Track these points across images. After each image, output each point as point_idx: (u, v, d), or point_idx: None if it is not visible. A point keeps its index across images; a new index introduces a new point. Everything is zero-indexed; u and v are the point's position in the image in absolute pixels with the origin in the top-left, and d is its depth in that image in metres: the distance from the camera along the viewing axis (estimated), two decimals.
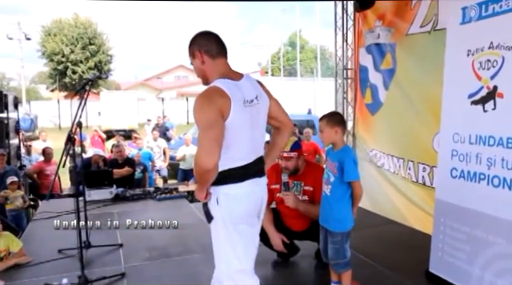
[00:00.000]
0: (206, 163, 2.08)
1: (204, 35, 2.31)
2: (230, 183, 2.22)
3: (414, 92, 5.12)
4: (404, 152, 5.40)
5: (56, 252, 4.02)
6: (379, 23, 5.94)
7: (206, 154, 2.09)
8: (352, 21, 6.93)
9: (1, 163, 6.35)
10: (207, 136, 2.10)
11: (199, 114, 2.13)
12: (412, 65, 5.20)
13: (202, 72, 2.31)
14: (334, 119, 2.92)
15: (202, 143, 2.11)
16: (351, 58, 7.11)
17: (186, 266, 3.83)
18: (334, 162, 2.89)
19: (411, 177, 5.25)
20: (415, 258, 3.70)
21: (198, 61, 2.28)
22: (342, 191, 2.88)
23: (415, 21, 5.10)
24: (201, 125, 2.12)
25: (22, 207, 6.19)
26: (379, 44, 5.95)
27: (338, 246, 2.91)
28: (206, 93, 2.16)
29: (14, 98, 8.03)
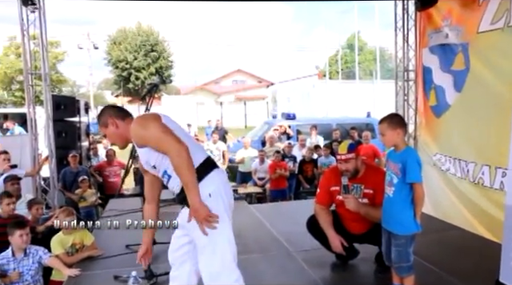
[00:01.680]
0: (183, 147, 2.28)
1: (111, 107, 2.72)
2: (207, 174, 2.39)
3: (492, 93, 4.87)
4: (477, 156, 5.14)
5: (124, 247, 4.23)
6: (447, 22, 5.74)
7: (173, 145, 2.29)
8: (413, 21, 6.76)
9: (74, 163, 6.79)
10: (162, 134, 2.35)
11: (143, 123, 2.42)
12: (488, 64, 4.96)
13: (119, 136, 2.56)
14: (394, 121, 2.90)
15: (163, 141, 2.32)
16: (412, 60, 6.94)
17: (246, 265, 3.85)
18: (396, 163, 2.85)
19: (483, 181, 4.99)
20: (483, 267, 3.54)
21: (112, 127, 2.54)
22: (405, 194, 2.83)
23: (484, 17, 4.89)
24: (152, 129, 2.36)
25: (94, 204, 6.62)
26: (447, 44, 5.74)
27: (401, 249, 2.86)
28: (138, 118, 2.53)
29: (85, 103, 8.58)
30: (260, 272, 3.74)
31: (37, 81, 6.46)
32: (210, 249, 2.35)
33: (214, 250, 2.35)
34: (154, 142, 2.34)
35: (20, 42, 6.31)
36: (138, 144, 2.45)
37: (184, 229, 2.53)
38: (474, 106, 5.21)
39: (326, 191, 3.57)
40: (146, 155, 2.46)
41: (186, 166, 2.24)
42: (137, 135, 2.41)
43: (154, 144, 2.35)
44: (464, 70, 5.40)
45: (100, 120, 2.58)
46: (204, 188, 2.32)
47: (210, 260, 2.36)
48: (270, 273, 3.73)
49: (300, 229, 3.97)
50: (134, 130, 2.40)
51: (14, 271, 3.61)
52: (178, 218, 2.56)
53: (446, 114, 5.87)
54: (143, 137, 2.38)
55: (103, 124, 2.56)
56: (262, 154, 8.50)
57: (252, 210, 5.87)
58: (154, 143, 2.35)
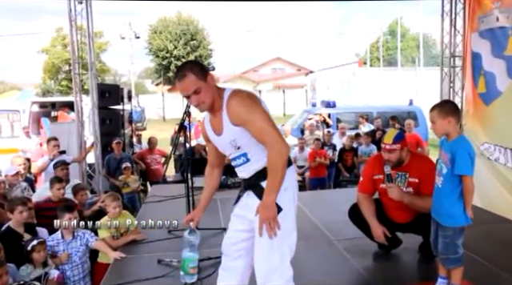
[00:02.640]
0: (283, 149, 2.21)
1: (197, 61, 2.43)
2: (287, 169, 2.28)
3: None
4: None
5: (166, 233, 4.32)
6: (497, 4, 5.49)
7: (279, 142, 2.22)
8: (462, 4, 6.49)
9: (118, 150, 6.99)
10: (269, 124, 2.23)
11: (252, 105, 2.26)
12: None
13: (214, 93, 2.33)
14: (446, 109, 2.78)
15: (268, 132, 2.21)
16: (459, 45, 6.68)
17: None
18: (447, 153, 2.75)
19: None
20: None
21: (212, 82, 2.32)
22: (454, 185, 2.73)
23: None
24: (259, 114, 2.24)
25: (136, 190, 6.81)
26: (499, 28, 5.49)
27: (449, 241, 2.78)
28: (242, 92, 2.34)
29: (128, 91, 8.79)
30: (302, 260, 3.69)
31: (82, 70, 6.67)
32: (269, 246, 2.28)
33: (273, 247, 2.29)
34: (256, 130, 2.23)
35: (66, 33, 6.54)
36: (234, 122, 2.27)
37: (245, 220, 2.44)
38: None
39: (369, 180, 3.51)
40: (236, 135, 2.30)
41: (282, 167, 2.21)
42: (238, 115, 2.25)
43: (256, 132, 2.23)
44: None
45: (196, 71, 2.27)
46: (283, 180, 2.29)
47: (268, 257, 2.31)
48: (312, 261, 3.72)
49: (341, 217, 3.94)
50: (237, 110, 2.25)
51: (64, 253, 3.78)
52: (239, 207, 2.50)
53: (496, 101, 5.63)
54: (246, 120, 2.23)
55: (203, 76, 2.27)
56: (301, 142, 8.46)
57: None
58: (256, 131, 2.23)
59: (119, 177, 6.80)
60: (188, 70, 2.26)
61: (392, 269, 3.59)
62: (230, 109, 2.27)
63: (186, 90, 2.26)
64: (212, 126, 2.44)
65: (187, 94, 2.28)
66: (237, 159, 2.40)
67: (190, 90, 2.25)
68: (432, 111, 2.80)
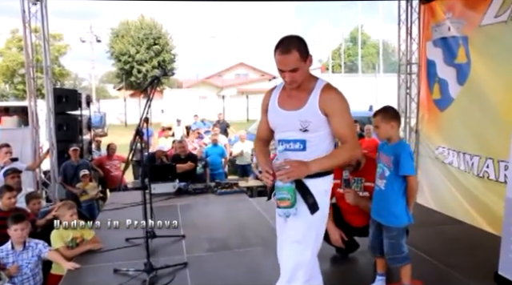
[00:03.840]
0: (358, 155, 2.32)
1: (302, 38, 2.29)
2: (331, 174, 2.35)
3: (494, 86, 4.83)
4: (480, 149, 5.11)
5: (124, 241, 4.23)
6: (449, 15, 5.70)
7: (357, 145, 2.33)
8: (417, 14, 6.70)
9: (75, 157, 6.79)
10: (354, 126, 2.34)
11: (348, 105, 2.29)
12: (489, 57, 4.93)
13: (306, 74, 2.29)
14: (389, 114, 2.90)
15: (353, 131, 2.32)
16: (415, 53, 6.89)
17: (246, 258, 3.91)
18: (389, 156, 2.86)
19: (489, 175, 4.96)
20: (483, 260, 3.54)
21: (309, 64, 2.27)
22: (398, 186, 2.84)
23: (489, 11, 4.85)
24: (350, 115, 2.29)
25: (95, 197, 6.64)
26: (450, 37, 5.69)
27: (394, 241, 2.87)
28: (339, 89, 2.32)
29: (87, 96, 8.57)
30: (260, 265, 3.75)
31: (38, 74, 6.45)
32: (304, 241, 2.27)
33: (307, 244, 2.28)
34: (343, 125, 2.24)
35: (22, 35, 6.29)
36: (322, 108, 2.23)
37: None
38: (477, 100, 5.17)
39: None
40: (314, 118, 2.24)
41: (342, 161, 2.30)
42: (335, 105, 2.24)
43: (342, 126, 2.24)
44: (467, 63, 5.37)
45: (302, 50, 2.20)
46: (323, 184, 2.31)
47: (300, 252, 2.27)
48: (270, 266, 3.70)
49: None
50: (336, 101, 2.25)
51: (13, 265, 3.62)
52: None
53: (450, 107, 5.83)
54: (339, 113, 2.24)
55: (306, 56, 2.21)
56: None
57: (252, 203, 5.87)
58: (343, 125, 2.24)
59: (77, 184, 6.61)
60: (295, 47, 2.18)
61: (349, 272, 3.65)
62: (326, 95, 2.25)
63: (286, 65, 2.20)
64: (281, 100, 2.37)
65: (284, 69, 2.22)
66: (291, 143, 2.28)
67: (290, 67, 2.19)
68: (376, 116, 2.90)
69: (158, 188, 6.33)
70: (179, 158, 7.34)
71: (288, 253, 2.30)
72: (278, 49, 2.21)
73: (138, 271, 3.46)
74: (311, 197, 2.25)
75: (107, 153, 8.08)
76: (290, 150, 2.28)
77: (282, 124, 2.36)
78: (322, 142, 2.28)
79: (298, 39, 2.23)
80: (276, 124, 2.41)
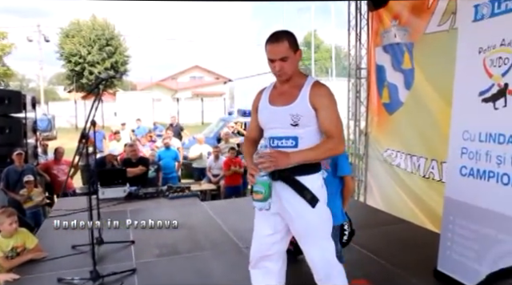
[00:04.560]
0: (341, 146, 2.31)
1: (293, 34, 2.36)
2: (321, 170, 2.40)
3: (437, 91, 5.03)
4: (426, 151, 5.32)
5: (70, 248, 4.09)
6: (395, 23, 5.89)
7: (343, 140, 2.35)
8: (366, 20, 6.90)
9: (19, 162, 6.48)
10: (341, 123, 2.33)
11: (335, 102, 2.32)
12: (432, 64, 5.12)
13: (296, 68, 2.36)
14: None
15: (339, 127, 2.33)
16: (364, 58, 7.09)
17: (195, 262, 3.88)
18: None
19: (434, 176, 5.17)
20: (424, 257, 3.68)
21: (298, 57, 2.34)
22: (335, 187, 2.95)
23: (432, 19, 5.05)
24: (337, 111, 2.32)
25: (40, 204, 6.35)
26: (397, 43, 5.90)
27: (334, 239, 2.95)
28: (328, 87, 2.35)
29: (32, 98, 8.20)
30: (210, 268, 3.73)
31: None
32: (322, 239, 2.35)
33: (325, 239, 2.36)
34: (329, 119, 2.27)
35: None
36: (312, 102, 2.27)
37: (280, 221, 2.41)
38: (422, 104, 5.38)
39: None
40: (304, 112, 2.27)
41: (326, 154, 2.31)
42: (323, 100, 2.28)
43: (328, 120, 2.27)
44: (411, 68, 5.57)
45: (292, 40, 2.29)
46: (317, 180, 2.35)
47: (324, 247, 2.36)
48: (220, 270, 3.73)
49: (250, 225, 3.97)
50: (325, 96, 2.29)
51: None
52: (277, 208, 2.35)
53: (398, 111, 6.02)
54: (328, 106, 2.28)
55: (295, 48, 2.30)
56: (216, 150, 8.46)
57: (204, 207, 5.84)
58: (329, 119, 2.27)
59: (20, 191, 6.31)
60: (285, 36, 2.27)
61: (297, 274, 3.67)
62: (316, 90, 2.29)
63: (276, 53, 2.26)
64: (272, 97, 2.41)
65: (274, 58, 2.27)
66: (283, 140, 2.32)
67: (280, 55, 2.25)
68: None
69: (108, 193, 6.18)
70: (130, 162, 7.18)
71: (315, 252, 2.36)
72: (268, 40, 2.29)
73: (83, 280, 3.36)
74: (308, 192, 2.28)
75: (54, 157, 7.76)
76: (282, 146, 2.31)
77: (272, 120, 2.38)
78: (312, 138, 2.30)
79: (288, 32, 2.33)
80: (267, 121, 2.43)
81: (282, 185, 2.30)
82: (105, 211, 5.22)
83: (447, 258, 3.27)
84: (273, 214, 2.37)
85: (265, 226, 2.43)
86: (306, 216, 2.30)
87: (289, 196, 2.31)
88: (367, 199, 6.84)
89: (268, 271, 2.50)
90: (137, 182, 6.79)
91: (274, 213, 2.37)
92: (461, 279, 3.13)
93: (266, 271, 2.51)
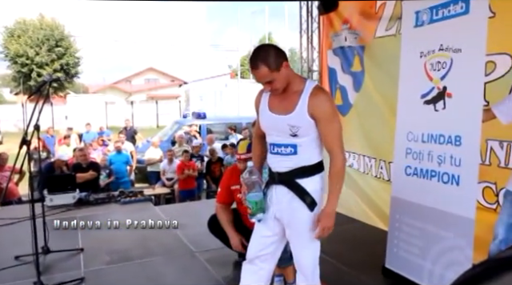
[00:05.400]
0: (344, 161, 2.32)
1: (274, 47, 2.34)
2: (322, 172, 2.38)
3: (384, 93, 5.18)
4: (376, 152, 5.45)
5: (13, 259, 3.91)
6: (345, 26, 6.02)
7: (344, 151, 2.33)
8: (317, 23, 7.01)
9: None
10: (341, 133, 2.31)
11: (336, 108, 2.34)
12: (380, 67, 5.26)
13: (288, 79, 2.29)
14: None
15: (340, 140, 2.31)
16: (316, 60, 7.20)
17: (147, 268, 3.81)
18: None
19: (383, 176, 5.32)
20: (374, 255, 3.77)
21: (285, 70, 2.26)
22: None
23: (380, 24, 5.18)
24: (338, 120, 2.32)
25: None
26: (346, 47, 6.02)
27: None
28: (327, 91, 2.33)
29: None
30: (162, 274, 3.67)
31: None
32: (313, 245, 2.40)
33: (315, 246, 2.42)
34: (331, 133, 2.25)
35: None
36: (311, 112, 2.22)
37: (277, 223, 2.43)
38: (370, 106, 5.53)
39: (227, 190, 3.57)
40: (303, 123, 2.24)
41: (344, 175, 2.34)
42: (323, 109, 2.23)
43: (330, 134, 2.26)
44: (361, 71, 5.72)
45: (270, 62, 2.19)
46: (319, 181, 2.35)
47: (313, 255, 2.42)
48: (173, 274, 3.68)
49: (204, 229, 3.95)
50: (325, 105, 2.24)
51: None
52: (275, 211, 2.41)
53: (350, 112, 6.16)
54: (327, 118, 2.24)
55: (276, 67, 2.20)
56: (170, 154, 8.36)
57: (157, 211, 5.74)
58: (330, 133, 2.25)
59: None
60: (260, 63, 2.20)
61: None
62: (315, 99, 2.24)
63: (259, 79, 2.26)
64: (272, 102, 2.37)
65: (261, 82, 2.29)
66: (283, 147, 2.32)
67: (263, 80, 2.24)
68: None
69: (56, 200, 5.97)
70: (80, 167, 6.97)
71: (306, 253, 2.42)
72: (249, 65, 2.30)
73: None
74: (308, 196, 2.30)
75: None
76: (281, 153, 2.32)
77: (272, 127, 2.38)
78: (312, 144, 2.30)
79: (265, 51, 2.25)
80: (267, 127, 2.42)
81: (282, 188, 2.36)
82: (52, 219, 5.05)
83: (394, 256, 3.38)
84: (271, 217, 2.42)
85: (264, 228, 2.47)
86: (302, 219, 2.33)
87: (288, 200, 2.35)
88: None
89: (259, 269, 2.53)
90: (87, 187, 6.59)
91: (272, 217, 2.42)
92: (407, 275, 3.24)
93: (257, 269, 2.53)
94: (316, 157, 2.32)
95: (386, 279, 3.41)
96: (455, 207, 2.84)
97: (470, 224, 2.76)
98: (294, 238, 2.41)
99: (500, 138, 3.36)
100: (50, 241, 4.05)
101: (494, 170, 3.44)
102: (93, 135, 11.64)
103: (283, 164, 2.33)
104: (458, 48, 2.91)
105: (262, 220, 2.42)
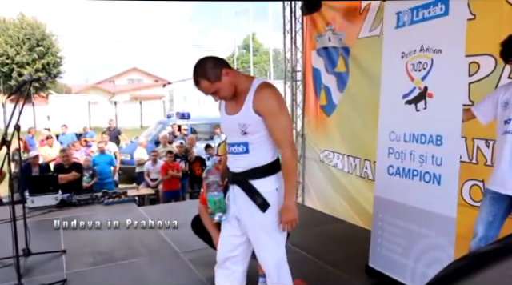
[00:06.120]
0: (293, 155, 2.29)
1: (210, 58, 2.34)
2: (278, 171, 2.36)
3: (368, 93, 5.21)
4: (360, 152, 5.48)
5: None
6: (329, 27, 6.05)
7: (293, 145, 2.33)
8: (300, 24, 7.04)
9: None
10: (291, 127, 2.31)
11: (283, 103, 2.32)
12: (364, 68, 5.30)
13: (233, 85, 2.31)
14: None
15: (288, 134, 2.31)
16: (300, 61, 7.23)
17: (130, 269, 3.78)
18: None
19: (368, 175, 5.36)
20: (357, 254, 3.80)
21: (227, 77, 2.27)
22: None
23: (364, 25, 5.22)
24: (286, 114, 2.32)
25: None
26: (330, 47, 6.05)
27: None
28: (275, 87, 2.33)
29: None
30: (146, 275, 3.65)
31: None
32: (274, 241, 2.37)
33: (277, 242, 2.37)
34: (278, 127, 2.25)
35: None
36: (257, 109, 2.23)
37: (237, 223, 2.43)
38: (355, 106, 5.57)
39: None
40: (250, 120, 2.26)
41: (295, 168, 2.35)
42: (267, 105, 2.23)
43: (277, 129, 2.26)
44: (345, 72, 5.75)
45: (209, 75, 2.23)
46: (274, 182, 2.33)
47: (275, 251, 2.38)
48: (157, 275, 3.66)
49: (188, 229, 3.94)
50: (268, 100, 2.24)
51: None
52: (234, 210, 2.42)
53: (334, 113, 6.19)
54: (272, 113, 2.24)
55: (216, 78, 2.23)
56: (154, 154, 8.30)
57: (141, 212, 5.70)
58: (277, 128, 2.26)
59: None
60: (200, 77, 2.25)
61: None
62: (259, 96, 2.25)
63: (204, 92, 2.31)
64: (226, 105, 2.41)
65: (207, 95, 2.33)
66: (236, 146, 2.36)
67: (209, 92, 2.30)
68: None
69: (38, 201, 5.89)
70: (62, 168, 6.88)
71: (264, 256, 2.41)
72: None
73: None
74: (259, 197, 2.30)
75: None
76: (235, 152, 2.36)
77: (226, 128, 2.45)
78: (263, 142, 2.31)
79: (202, 66, 2.27)
80: (223, 129, 2.52)
81: (238, 188, 2.37)
82: (34, 221, 4.99)
83: (377, 255, 3.41)
84: (233, 217, 2.44)
85: (230, 229, 2.48)
86: (257, 221, 2.33)
87: (243, 200, 2.35)
88: (305, 200, 6.98)
89: (232, 272, 2.52)
90: (70, 188, 6.52)
91: (234, 217, 2.43)
92: (390, 274, 3.27)
93: (230, 272, 2.52)
94: (269, 156, 2.33)
95: (369, 278, 3.44)
96: (437, 206, 2.88)
97: (451, 223, 2.81)
98: (252, 240, 2.42)
99: (486, 136, 3.42)
100: (31, 243, 4.00)
101: (481, 168, 3.50)
102: (70, 137, 11.38)
103: (237, 164, 2.37)
104: (438, 49, 2.96)
105: (224, 220, 2.44)
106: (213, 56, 2.36)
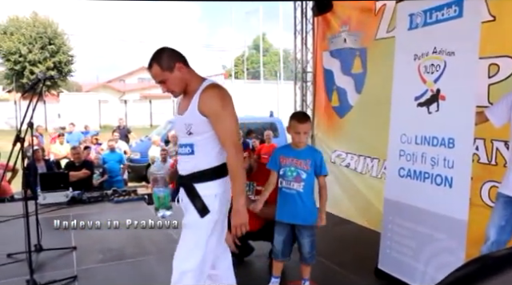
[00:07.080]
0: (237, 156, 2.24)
1: (170, 49, 2.34)
2: (224, 177, 2.32)
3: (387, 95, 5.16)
4: (378, 152, 5.39)
5: (5, 257, 3.89)
6: (345, 28, 5.99)
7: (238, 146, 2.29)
8: (311, 25, 7.02)
9: None
10: (235, 128, 2.28)
11: (228, 103, 2.26)
12: (382, 68, 5.22)
13: (184, 81, 2.31)
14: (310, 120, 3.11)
15: (231, 135, 2.26)
16: (310, 62, 7.21)
17: (140, 267, 3.80)
18: (304, 159, 2.99)
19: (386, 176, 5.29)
20: (366, 256, 3.79)
21: (178, 72, 2.28)
22: (313, 186, 3.05)
23: (381, 26, 5.16)
24: (230, 114, 2.26)
25: None
26: (346, 48, 6.00)
27: (313, 237, 3.08)
28: (222, 87, 2.31)
29: None
30: (155, 273, 3.67)
31: None
32: (193, 245, 2.30)
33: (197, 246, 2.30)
34: (222, 128, 2.24)
35: None
36: (201, 110, 2.23)
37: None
38: (373, 107, 5.49)
39: None
40: (195, 121, 2.26)
41: (242, 170, 2.27)
42: (210, 105, 2.22)
43: (221, 129, 2.24)
44: (362, 72, 5.69)
45: (162, 62, 2.25)
46: (217, 187, 2.30)
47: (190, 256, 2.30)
48: (165, 274, 3.63)
49: None
50: (212, 100, 2.23)
51: None
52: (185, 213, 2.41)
53: (348, 114, 6.13)
54: (216, 113, 2.23)
55: (168, 67, 2.25)
56: (163, 153, 8.35)
57: (151, 210, 5.72)
58: (221, 128, 2.24)
59: None
60: (154, 61, 2.27)
61: (245, 276, 3.68)
62: (204, 96, 2.25)
63: (153, 78, 2.33)
64: (179, 104, 2.44)
65: (156, 81, 2.34)
66: (183, 147, 2.36)
67: (157, 79, 2.30)
68: (306, 123, 3.02)
69: (49, 198, 5.95)
70: (73, 166, 6.94)
71: (177, 256, 2.37)
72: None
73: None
74: (199, 200, 2.28)
75: None
76: (182, 154, 2.35)
77: (176, 128, 2.47)
78: (209, 144, 2.29)
79: (159, 52, 2.30)
80: (174, 129, 2.54)
81: (183, 192, 2.37)
82: (45, 217, 5.04)
83: (387, 257, 3.40)
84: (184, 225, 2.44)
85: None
86: (191, 223, 2.32)
87: (186, 202, 2.35)
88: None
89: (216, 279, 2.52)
90: (80, 186, 6.57)
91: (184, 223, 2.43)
92: (399, 277, 3.26)
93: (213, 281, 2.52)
94: (215, 160, 2.30)
95: (378, 280, 3.43)
96: (448, 209, 2.87)
97: (462, 226, 2.79)
98: (181, 240, 2.38)
99: (505, 138, 3.37)
100: (42, 239, 4.05)
101: (501, 169, 3.44)
102: (77, 136, 11.44)
103: (184, 166, 2.36)
104: (451, 51, 2.94)
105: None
106: (174, 49, 2.37)
